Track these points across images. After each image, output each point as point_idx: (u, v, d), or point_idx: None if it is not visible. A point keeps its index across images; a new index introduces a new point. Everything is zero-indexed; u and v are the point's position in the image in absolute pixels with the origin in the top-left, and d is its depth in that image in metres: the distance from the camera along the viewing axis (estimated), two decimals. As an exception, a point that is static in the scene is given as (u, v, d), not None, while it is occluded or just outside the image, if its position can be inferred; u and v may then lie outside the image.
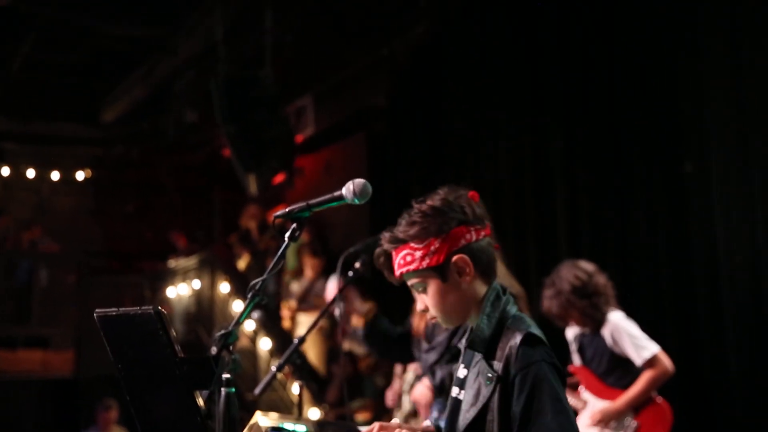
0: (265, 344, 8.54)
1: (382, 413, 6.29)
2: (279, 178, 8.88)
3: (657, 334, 4.23)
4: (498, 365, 1.93)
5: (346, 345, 7.67)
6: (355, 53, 8.69)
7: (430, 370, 3.48)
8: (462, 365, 2.12)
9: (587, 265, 4.21)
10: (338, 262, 3.32)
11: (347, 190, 2.07)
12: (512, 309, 2.04)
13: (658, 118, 5.51)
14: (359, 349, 7.73)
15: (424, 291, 2.07)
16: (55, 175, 12.60)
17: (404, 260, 2.04)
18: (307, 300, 8.26)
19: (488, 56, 7.01)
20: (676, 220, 5.34)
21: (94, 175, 12.84)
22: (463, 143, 7.27)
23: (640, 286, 5.45)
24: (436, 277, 2.03)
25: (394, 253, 2.08)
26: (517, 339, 1.91)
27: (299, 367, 3.03)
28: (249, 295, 2.06)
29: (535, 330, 1.95)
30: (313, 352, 8.17)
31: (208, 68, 8.52)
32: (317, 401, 7.51)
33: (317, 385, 7.93)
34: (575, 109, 6.11)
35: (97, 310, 1.95)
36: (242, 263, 9.97)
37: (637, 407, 4.06)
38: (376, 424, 2.06)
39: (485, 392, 1.93)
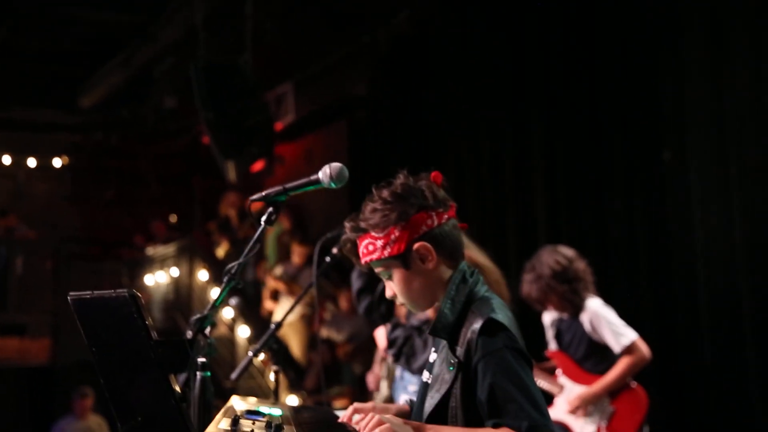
0: (243, 332, 8.53)
1: (360, 400, 6.31)
2: (259, 165, 8.84)
3: (634, 321, 4.26)
4: (460, 351, 1.90)
5: (324, 332, 7.67)
6: (337, 40, 8.66)
7: (392, 326, 3.50)
8: (432, 349, 2.11)
9: (567, 251, 4.23)
10: (315, 248, 3.32)
11: (323, 174, 2.06)
12: (480, 290, 2.01)
13: (637, 106, 5.54)
14: (337, 337, 7.74)
15: (390, 278, 2.05)
16: (31, 162, 12.48)
17: (367, 249, 2.03)
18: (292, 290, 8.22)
19: (470, 44, 7.01)
20: (654, 207, 5.38)
21: (71, 161, 12.72)
22: (444, 131, 7.28)
23: (618, 272, 5.49)
24: (399, 265, 2.01)
25: (357, 242, 2.06)
26: (477, 324, 1.88)
27: (276, 352, 3.02)
28: (225, 279, 2.05)
29: (499, 314, 1.91)
30: (294, 340, 8.17)
31: (187, 54, 8.46)
32: (295, 388, 7.52)
33: (295, 372, 7.93)
34: (555, 98, 6.13)
35: (71, 293, 1.93)
36: (221, 251, 9.94)
37: (613, 392, 4.10)
38: (352, 406, 2.05)
39: (447, 378, 1.92)
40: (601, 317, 4.10)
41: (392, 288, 2.06)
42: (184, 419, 1.84)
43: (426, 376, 2.07)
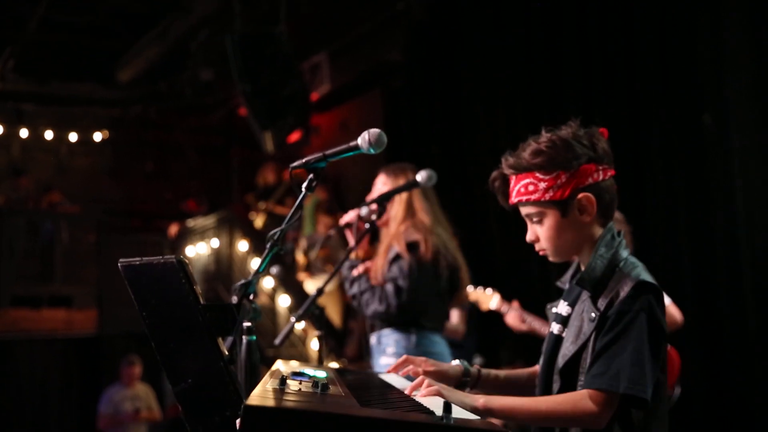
0: (284, 301, 8.64)
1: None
2: (295, 136, 8.88)
3: (675, 286, 4.26)
4: (602, 304, 1.89)
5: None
6: (371, 8, 8.61)
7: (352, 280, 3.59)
8: (564, 302, 2.08)
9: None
10: (354, 216, 3.38)
11: (363, 140, 2.07)
12: (624, 252, 1.98)
13: (675, 70, 5.46)
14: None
15: (539, 222, 2.01)
16: (73, 136, 12.66)
17: (525, 189, 1.97)
18: (324, 253, 8.29)
19: (505, 10, 6.94)
20: (695, 172, 5.32)
21: (111, 135, 12.89)
22: (480, 98, 7.23)
23: (658, 238, 5.45)
24: (557, 212, 1.97)
25: (513, 179, 2.01)
26: (628, 285, 1.86)
27: (318, 318, 3.07)
28: (268, 245, 2.08)
29: (647, 276, 1.89)
30: (331, 308, 8.26)
31: (223, 26, 8.49)
32: (335, 355, 7.61)
33: (335, 340, 8.02)
34: (592, 63, 6.05)
35: (121, 260, 1.98)
36: (259, 221, 10.04)
37: None
38: (403, 357, 2.07)
39: (586, 330, 1.90)
40: None
41: (536, 233, 2.03)
42: (233, 381, 1.89)
43: (557, 328, 2.05)
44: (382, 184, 3.69)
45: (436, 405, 1.60)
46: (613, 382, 1.78)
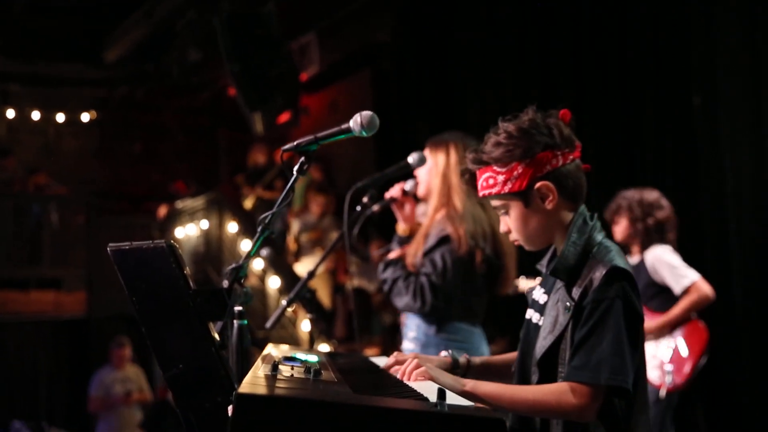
0: (273, 283, 8.63)
1: (390, 349, 6.38)
2: (284, 117, 8.83)
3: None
4: (576, 293, 1.88)
5: (355, 281, 7.73)
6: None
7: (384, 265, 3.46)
8: (542, 290, 2.08)
9: None
10: (346, 197, 3.32)
11: (354, 122, 2.05)
12: (598, 236, 1.97)
13: (666, 51, 5.45)
14: (368, 286, 7.81)
15: (507, 214, 2.02)
16: (60, 117, 12.56)
17: (486, 183, 1.99)
18: (316, 236, 8.30)
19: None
20: (685, 154, 5.33)
21: (99, 116, 12.79)
22: (470, 79, 7.21)
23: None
24: (519, 202, 1.98)
25: (477, 173, 2.03)
26: (600, 272, 1.85)
27: (309, 301, 3.05)
28: (259, 229, 2.07)
29: (620, 261, 1.88)
30: (320, 289, 8.26)
31: (210, 6, 8.41)
32: (325, 336, 7.62)
33: (325, 321, 8.03)
34: (583, 43, 6.04)
35: (110, 245, 1.96)
36: (249, 203, 10.01)
37: (675, 328, 4.28)
38: (393, 355, 2.05)
39: (562, 320, 1.89)
40: (663, 260, 4.26)
41: (507, 224, 2.04)
42: (224, 366, 1.88)
43: (535, 317, 2.05)
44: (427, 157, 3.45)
45: (429, 391, 1.59)
46: (594, 374, 1.78)
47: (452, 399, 1.52)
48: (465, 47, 7.25)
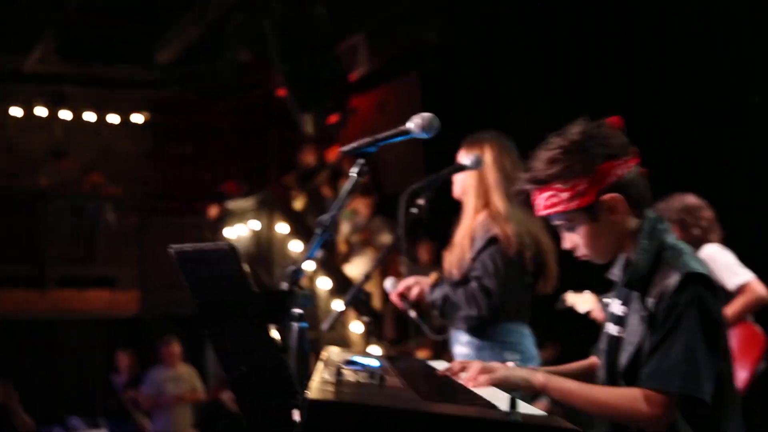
0: (323, 283, 8.65)
1: (441, 351, 6.35)
2: (333, 117, 8.87)
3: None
4: (651, 302, 1.83)
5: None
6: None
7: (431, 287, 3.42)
8: (618, 301, 2.02)
9: None
10: (400, 199, 3.30)
11: (414, 123, 2.04)
12: (669, 239, 1.93)
13: (724, 51, 5.35)
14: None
15: (572, 230, 1.96)
16: (113, 118, 12.77)
17: (549, 202, 1.92)
18: (365, 236, 8.30)
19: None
20: (743, 153, 5.23)
21: (151, 117, 12.97)
22: (517, 81, 7.15)
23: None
24: (586, 218, 1.91)
25: (535, 194, 1.96)
26: (674, 279, 1.80)
27: (364, 304, 3.05)
28: (318, 231, 2.06)
29: (695, 264, 1.83)
30: (371, 291, 8.26)
31: (261, 7, 8.48)
32: (377, 338, 7.61)
33: (375, 323, 8.02)
34: (636, 45, 5.95)
35: (172, 246, 1.97)
36: (299, 204, 10.05)
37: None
38: (457, 362, 2.02)
39: (640, 330, 1.85)
40: (717, 258, 4.12)
41: (573, 241, 1.98)
42: (287, 369, 1.88)
43: (615, 329, 1.99)
44: (461, 158, 3.43)
45: (499, 398, 1.57)
46: (666, 381, 1.74)
47: (523, 408, 1.50)
48: (513, 49, 7.20)
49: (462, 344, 3.40)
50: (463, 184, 3.39)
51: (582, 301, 4.00)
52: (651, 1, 5.82)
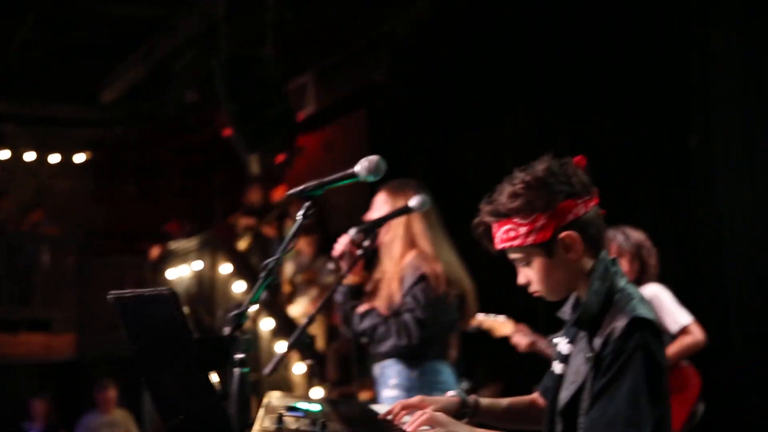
0: (266, 325, 8.54)
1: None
2: (279, 157, 8.84)
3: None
4: (597, 343, 1.85)
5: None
6: (357, 29, 8.62)
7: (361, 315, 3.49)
8: (565, 339, 2.04)
9: None
10: (345, 242, 3.32)
11: (361, 167, 2.05)
12: (620, 282, 1.94)
13: (663, 90, 5.50)
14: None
15: (527, 265, 1.98)
16: (54, 158, 12.54)
17: (507, 235, 1.95)
18: (309, 276, 8.23)
19: (491, 30, 6.95)
20: (681, 193, 5.35)
21: (93, 156, 12.78)
22: (467, 119, 7.23)
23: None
24: (542, 254, 1.93)
25: (495, 226, 1.98)
26: (622, 321, 1.82)
27: (308, 346, 3.02)
28: (262, 275, 2.03)
29: (642, 310, 1.85)
30: (315, 332, 8.18)
31: (208, 47, 8.46)
32: (319, 380, 7.52)
33: (318, 364, 7.93)
34: (581, 84, 6.07)
35: (111, 292, 1.92)
36: (243, 244, 9.95)
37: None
38: (398, 403, 2.01)
39: (583, 370, 1.87)
40: (663, 299, 4.17)
41: (528, 276, 1.99)
42: (226, 417, 1.83)
43: (559, 368, 2.01)
44: (382, 203, 3.60)
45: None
46: (610, 427, 1.75)
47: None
48: (462, 87, 7.29)
49: (390, 387, 3.46)
50: (389, 230, 3.50)
51: (499, 325, 4.01)
52: (595, 47, 5.95)
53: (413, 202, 3.26)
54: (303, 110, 9.62)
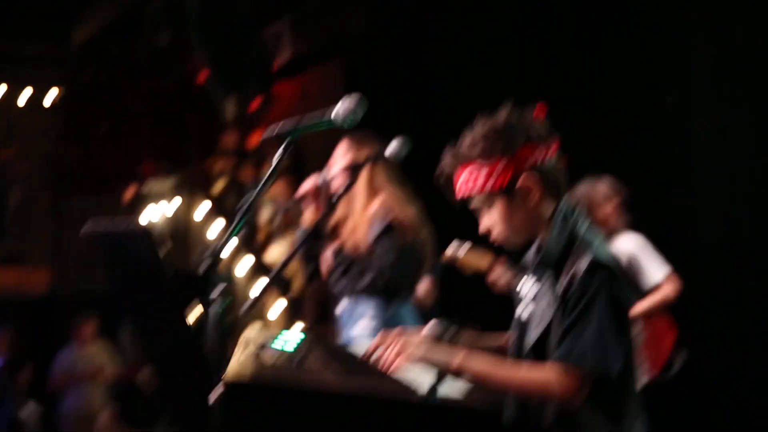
0: (242, 268, 8.57)
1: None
2: (255, 103, 8.77)
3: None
4: (562, 284, 1.91)
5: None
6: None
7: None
8: (528, 284, 2.09)
9: None
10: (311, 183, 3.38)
11: (337, 112, 2.07)
12: (582, 227, 1.99)
13: (638, 48, 5.50)
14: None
15: (488, 212, 2.03)
16: (24, 97, 12.32)
17: (468, 182, 1.99)
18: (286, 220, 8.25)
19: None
20: (654, 155, 5.39)
21: (64, 96, 12.56)
22: (442, 72, 7.21)
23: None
24: (502, 199, 1.98)
25: (456, 174, 2.02)
26: (583, 264, 1.88)
27: (285, 286, 3.07)
28: (239, 214, 2.07)
29: (603, 251, 1.92)
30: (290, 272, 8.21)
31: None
32: (296, 320, 7.59)
33: (296, 305, 7.99)
34: (557, 39, 6.07)
35: (85, 227, 1.94)
36: (218, 188, 9.93)
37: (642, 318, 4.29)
38: (378, 337, 1.99)
39: (549, 312, 1.92)
40: (644, 248, 4.32)
41: (489, 223, 2.04)
42: (202, 352, 1.88)
43: (522, 311, 2.07)
44: (344, 154, 3.63)
45: (419, 380, 1.58)
46: (580, 359, 1.82)
47: (444, 390, 1.51)
48: (438, 40, 7.25)
49: (359, 324, 3.54)
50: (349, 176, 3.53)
51: (476, 259, 4.01)
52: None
53: (391, 147, 3.28)
54: (279, 57, 9.52)
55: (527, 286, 2.10)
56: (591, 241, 1.96)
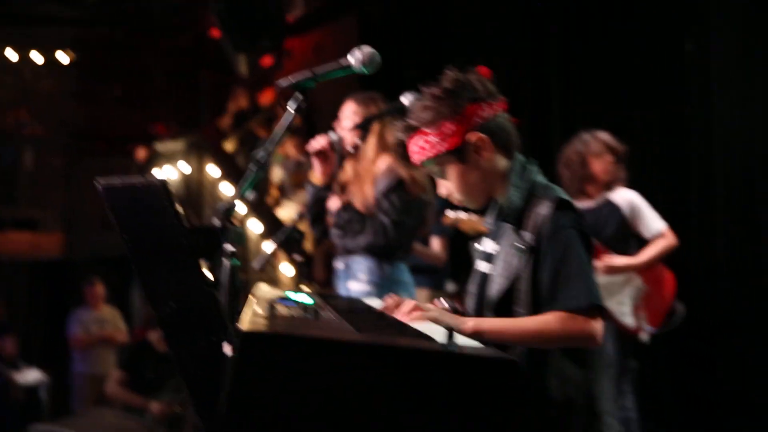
0: (255, 226, 8.57)
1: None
2: (268, 59, 8.69)
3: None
4: (528, 236, 1.93)
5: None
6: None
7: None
8: (490, 240, 2.11)
9: None
10: (324, 140, 3.34)
11: (355, 58, 2.03)
12: (539, 178, 2.03)
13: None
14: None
15: (444, 175, 2.04)
16: (37, 57, 12.27)
17: (420, 147, 2.02)
18: (297, 178, 8.23)
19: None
20: (674, 100, 5.34)
21: (77, 57, 12.51)
22: (457, 27, 7.12)
23: (634, 163, 5.48)
24: (455, 160, 2.01)
25: (409, 143, 2.05)
26: (546, 206, 1.91)
27: (297, 242, 3.03)
28: (252, 167, 2.03)
29: (564, 196, 1.95)
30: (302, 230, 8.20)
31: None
32: (307, 280, 7.61)
33: (306, 265, 8.01)
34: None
35: (99, 180, 1.91)
36: (230, 146, 9.89)
37: (640, 271, 4.27)
38: (387, 297, 2.06)
39: (516, 262, 1.93)
40: (642, 204, 4.28)
41: (447, 186, 2.05)
42: (218, 305, 1.85)
43: (483, 266, 2.08)
44: (352, 113, 3.59)
45: (435, 331, 1.57)
46: (577, 303, 1.83)
47: (461, 340, 1.50)
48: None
49: (360, 282, 3.53)
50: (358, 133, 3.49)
51: (476, 222, 4.00)
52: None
53: (406, 98, 3.22)
54: (292, 13, 9.41)
55: (489, 243, 2.11)
56: (550, 186, 1.99)
